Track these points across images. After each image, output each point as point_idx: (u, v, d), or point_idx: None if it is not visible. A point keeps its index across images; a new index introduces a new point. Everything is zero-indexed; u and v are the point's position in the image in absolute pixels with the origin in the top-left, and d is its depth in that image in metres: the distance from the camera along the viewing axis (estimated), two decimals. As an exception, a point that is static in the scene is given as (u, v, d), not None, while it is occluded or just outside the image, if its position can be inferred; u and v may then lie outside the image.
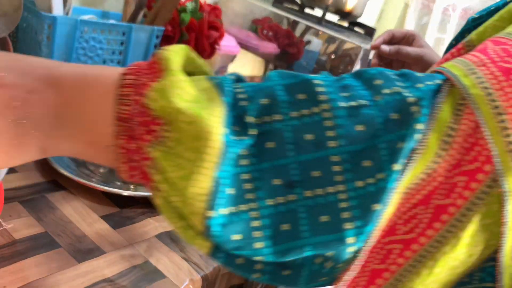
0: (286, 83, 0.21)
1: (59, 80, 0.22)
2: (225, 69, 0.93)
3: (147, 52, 0.72)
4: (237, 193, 0.20)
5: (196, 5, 0.76)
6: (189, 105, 0.20)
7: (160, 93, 0.20)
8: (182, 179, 0.20)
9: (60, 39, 0.61)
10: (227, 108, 0.20)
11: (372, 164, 0.20)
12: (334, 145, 0.20)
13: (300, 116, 0.20)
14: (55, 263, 0.39)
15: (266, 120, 0.21)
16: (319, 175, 0.20)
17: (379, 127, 0.20)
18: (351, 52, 0.83)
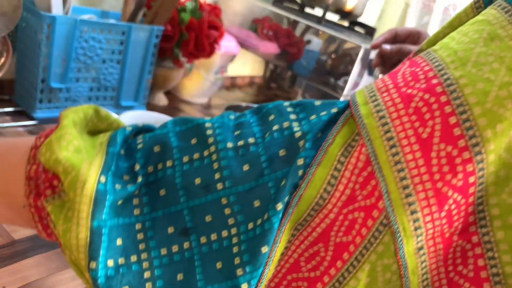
0: (179, 130, 0.21)
1: None
2: (225, 69, 0.93)
3: (147, 52, 0.72)
4: (127, 243, 0.19)
5: (196, 5, 0.76)
6: (69, 155, 0.20)
7: (47, 146, 0.20)
8: (65, 232, 0.19)
9: (59, 38, 0.61)
10: (112, 158, 0.20)
11: (261, 203, 0.19)
12: (221, 187, 0.19)
13: (191, 161, 0.20)
14: (55, 263, 0.39)
15: (159, 167, 0.20)
16: (211, 219, 0.19)
17: (265, 165, 0.19)
18: (352, 52, 0.83)
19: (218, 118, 0.21)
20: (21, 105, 0.66)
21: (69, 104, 0.68)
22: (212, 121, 0.21)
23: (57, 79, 0.64)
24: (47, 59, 0.61)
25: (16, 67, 0.67)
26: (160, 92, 0.85)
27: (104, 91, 0.71)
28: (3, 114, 0.63)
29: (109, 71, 0.69)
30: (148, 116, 0.58)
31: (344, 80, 0.84)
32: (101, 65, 0.68)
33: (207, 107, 0.94)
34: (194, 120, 0.21)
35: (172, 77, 0.83)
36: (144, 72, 0.74)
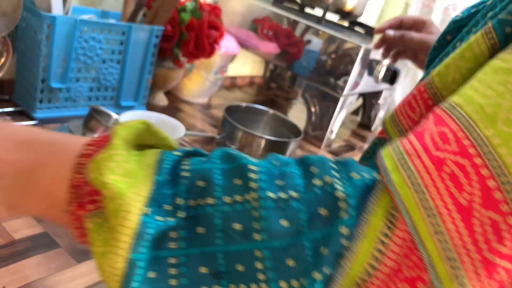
0: (224, 168, 0.21)
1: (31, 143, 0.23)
2: (225, 69, 0.93)
3: (147, 52, 0.72)
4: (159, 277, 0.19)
5: (196, 5, 0.76)
6: (117, 179, 0.19)
7: (95, 165, 0.20)
8: (102, 256, 0.19)
9: (59, 38, 0.61)
10: (159, 187, 0.20)
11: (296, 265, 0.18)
12: (258, 238, 0.19)
13: (233, 203, 0.19)
14: (55, 263, 0.39)
15: (200, 202, 0.20)
16: (242, 270, 0.19)
17: (304, 223, 0.19)
18: (351, 52, 0.83)
19: (264, 163, 0.21)
20: (21, 105, 0.66)
21: (69, 104, 0.68)
22: (258, 165, 0.21)
23: (57, 79, 0.64)
24: (47, 59, 0.61)
25: (16, 67, 0.67)
26: (160, 92, 0.85)
27: (104, 91, 0.71)
28: (3, 114, 0.63)
29: (109, 71, 0.69)
30: (148, 116, 0.59)
31: (344, 80, 0.84)
32: (101, 65, 0.68)
33: (207, 107, 0.94)
34: (240, 159, 0.21)
35: (172, 77, 0.83)
36: (144, 72, 0.74)
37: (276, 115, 0.79)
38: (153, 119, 0.58)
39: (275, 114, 0.79)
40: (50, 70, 0.62)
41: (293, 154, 0.72)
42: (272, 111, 0.79)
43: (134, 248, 0.18)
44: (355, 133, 1.10)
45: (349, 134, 1.07)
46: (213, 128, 0.82)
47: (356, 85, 0.88)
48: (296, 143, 0.71)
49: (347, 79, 0.84)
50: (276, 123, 0.79)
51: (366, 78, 0.89)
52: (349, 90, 0.86)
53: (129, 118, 0.55)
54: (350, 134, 1.08)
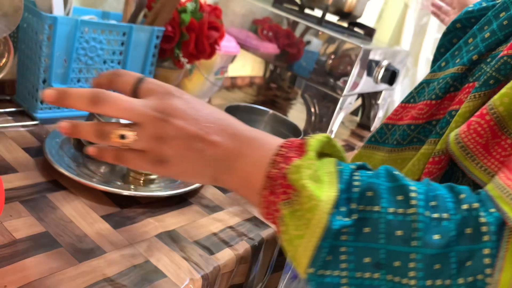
0: (389, 186, 0.26)
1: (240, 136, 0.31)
2: (225, 69, 0.93)
3: (147, 52, 0.72)
4: (333, 260, 0.25)
5: (196, 6, 0.77)
6: (311, 184, 0.26)
7: (296, 169, 0.27)
8: (297, 238, 0.26)
9: (60, 39, 0.61)
10: (341, 193, 0.26)
11: (442, 269, 0.23)
12: (414, 245, 0.24)
13: (395, 213, 0.25)
14: (56, 262, 0.39)
15: (368, 209, 0.25)
16: (398, 265, 0.24)
17: (452, 239, 0.24)
18: (351, 53, 0.83)
19: (420, 185, 0.26)
20: (22, 105, 0.67)
21: (70, 104, 0.68)
22: (416, 186, 0.26)
23: (58, 79, 0.64)
24: (48, 60, 0.61)
25: (17, 67, 0.67)
26: (160, 93, 0.86)
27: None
28: (4, 114, 0.63)
29: (109, 71, 0.70)
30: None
31: (344, 81, 0.85)
32: (102, 65, 0.68)
33: (207, 107, 0.94)
34: (401, 180, 0.26)
35: (173, 78, 0.83)
36: (145, 72, 0.74)
37: (276, 115, 0.79)
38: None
39: (275, 114, 0.79)
40: (51, 70, 0.62)
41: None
42: (272, 111, 0.79)
43: (323, 238, 0.25)
44: (355, 133, 1.10)
45: (348, 134, 1.07)
46: (213, 129, 0.83)
47: (356, 85, 0.88)
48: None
49: (347, 79, 0.84)
50: (276, 123, 0.79)
51: (366, 78, 0.89)
52: (349, 90, 0.87)
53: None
54: (349, 134, 1.08)
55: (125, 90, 0.32)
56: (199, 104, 0.32)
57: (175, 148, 0.30)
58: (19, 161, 0.53)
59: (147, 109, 0.30)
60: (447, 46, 0.45)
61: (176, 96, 0.31)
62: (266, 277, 0.61)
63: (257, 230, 0.54)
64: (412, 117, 0.40)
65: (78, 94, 0.30)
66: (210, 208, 0.56)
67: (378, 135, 0.44)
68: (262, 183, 0.28)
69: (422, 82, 0.42)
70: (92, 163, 0.57)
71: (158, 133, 0.30)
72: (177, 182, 0.58)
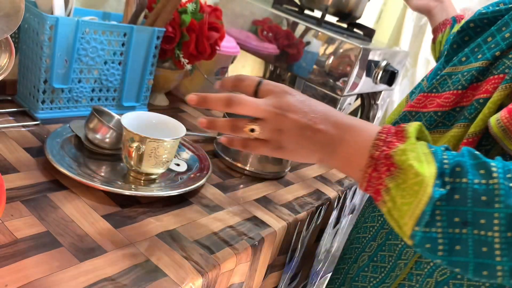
0: (472, 163, 0.33)
1: (340, 124, 0.38)
2: (225, 70, 0.94)
3: (148, 53, 0.73)
4: (432, 220, 0.32)
5: (197, 6, 0.77)
6: (416, 163, 0.33)
7: (402, 152, 0.34)
8: (404, 204, 0.33)
9: (61, 40, 0.61)
10: (437, 169, 0.33)
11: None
12: (497, 206, 0.31)
13: (480, 183, 0.32)
14: (57, 262, 0.40)
15: (457, 180, 0.32)
16: (484, 222, 0.31)
17: None
18: (351, 53, 0.83)
19: (497, 162, 0.33)
20: (23, 105, 0.67)
21: (71, 104, 0.69)
22: (495, 162, 0.33)
23: (59, 80, 0.64)
24: (49, 60, 0.62)
25: (19, 68, 0.67)
26: (161, 93, 0.86)
27: (106, 91, 0.72)
28: (5, 114, 0.63)
29: (111, 72, 0.70)
30: (149, 116, 0.59)
31: (343, 81, 0.85)
32: (102, 66, 0.68)
33: (207, 108, 0.94)
34: (482, 158, 0.33)
35: (173, 78, 0.83)
36: (146, 73, 0.74)
37: (276, 115, 0.79)
38: (154, 120, 0.59)
39: (274, 115, 0.79)
40: (52, 71, 0.63)
41: (293, 155, 0.73)
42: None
43: (428, 205, 0.32)
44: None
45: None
46: (213, 129, 0.83)
47: (355, 86, 0.88)
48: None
49: (346, 80, 0.84)
50: (276, 123, 0.79)
51: (365, 79, 0.90)
52: (348, 90, 0.87)
53: (131, 119, 0.56)
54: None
55: (248, 91, 0.40)
56: (306, 99, 0.39)
57: (291, 137, 0.38)
58: (20, 161, 0.53)
59: (268, 107, 0.38)
60: (459, 43, 0.50)
61: (289, 94, 0.38)
62: (266, 277, 0.61)
63: (257, 229, 0.55)
64: (438, 104, 0.47)
65: (216, 99, 0.39)
66: (210, 207, 0.56)
67: (401, 122, 0.50)
68: (366, 162, 0.35)
69: (443, 74, 0.48)
70: (93, 163, 0.57)
71: (278, 126, 0.38)
72: (177, 182, 0.59)
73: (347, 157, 0.37)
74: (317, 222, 0.70)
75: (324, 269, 0.88)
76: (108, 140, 0.59)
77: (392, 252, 0.51)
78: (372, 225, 0.56)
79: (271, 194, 0.65)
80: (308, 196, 0.68)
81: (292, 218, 0.60)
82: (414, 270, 0.48)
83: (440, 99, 0.47)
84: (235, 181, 0.66)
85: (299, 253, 0.68)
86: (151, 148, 0.53)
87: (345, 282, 0.58)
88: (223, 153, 0.70)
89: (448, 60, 0.51)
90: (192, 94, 0.40)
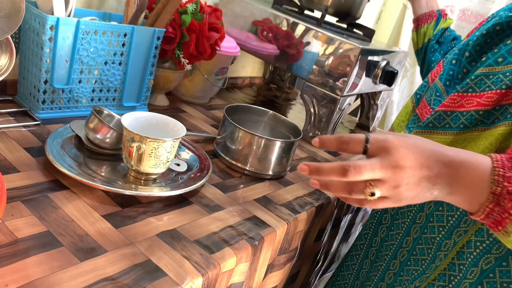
0: None
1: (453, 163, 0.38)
2: (225, 70, 0.94)
3: (149, 53, 0.73)
4: None
5: (197, 7, 0.77)
6: None
7: None
8: None
9: (62, 40, 0.61)
10: None
11: None
12: None
13: None
14: (57, 261, 0.40)
15: None
16: None
17: None
18: (350, 53, 0.84)
19: None
20: (24, 105, 0.67)
21: (72, 105, 0.69)
22: None
23: (60, 80, 0.65)
24: (49, 61, 0.62)
25: (19, 68, 0.68)
26: (161, 93, 0.86)
27: (107, 92, 0.72)
28: (6, 115, 0.63)
29: (111, 72, 0.70)
30: (149, 117, 0.59)
31: (343, 81, 0.85)
32: (103, 66, 0.68)
33: (208, 107, 0.94)
34: None
35: (173, 78, 0.83)
36: (146, 73, 0.75)
37: (276, 115, 0.79)
38: (155, 120, 0.59)
39: (274, 115, 0.80)
40: (53, 71, 0.63)
41: (293, 154, 0.73)
42: (272, 112, 0.80)
43: None
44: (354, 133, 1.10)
45: (348, 135, 1.07)
46: (214, 129, 0.83)
47: (355, 86, 0.88)
48: (295, 144, 0.71)
49: (346, 80, 0.85)
50: (276, 123, 0.79)
51: (365, 79, 0.90)
52: (348, 91, 0.87)
53: (131, 119, 0.56)
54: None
55: (357, 152, 0.40)
56: (414, 143, 0.39)
57: (410, 190, 0.38)
58: (21, 161, 0.53)
59: (383, 168, 0.37)
60: (482, 45, 0.52)
61: (398, 145, 0.38)
62: (266, 276, 0.61)
63: (257, 229, 0.55)
64: (479, 104, 0.48)
65: (330, 169, 0.39)
66: (210, 207, 0.56)
67: (436, 121, 0.52)
68: (486, 198, 0.37)
69: (479, 74, 0.49)
70: (93, 163, 0.58)
71: (396, 183, 0.38)
72: (177, 182, 0.59)
73: (464, 194, 0.38)
74: (317, 222, 0.70)
75: (324, 269, 0.88)
76: (108, 140, 0.59)
77: (430, 244, 0.53)
78: (403, 221, 0.58)
79: (271, 194, 0.65)
80: (308, 196, 0.68)
81: (292, 218, 0.60)
82: (456, 260, 0.50)
83: (480, 99, 0.48)
84: (235, 181, 0.66)
85: (299, 253, 0.68)
86: (151, 148, 0.53)
87: (385, 277, 0.60)
88: (223, 153, 0.70)
89: (471, 61, 0.52)
90: (303, 164, 0.40)
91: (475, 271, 0.48)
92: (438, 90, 0.55)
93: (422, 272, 0.54)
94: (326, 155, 0.89)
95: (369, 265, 0.65)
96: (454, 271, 0.50)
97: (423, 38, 0.83)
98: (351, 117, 1.23)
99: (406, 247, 0.57)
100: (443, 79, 0.55)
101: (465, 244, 0.50)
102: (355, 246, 0.70)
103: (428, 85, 0.61)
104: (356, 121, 1.20)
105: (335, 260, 0.92)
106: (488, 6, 1.60)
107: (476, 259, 0.48)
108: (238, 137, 0.68)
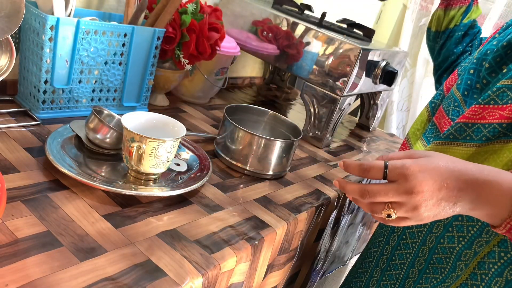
0: None
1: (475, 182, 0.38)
2: (225, 70, 0.94)
3: (149, 53, 0.73)
4: None
5: (197, 7, 0.77)
6: None
7: None
8: None
9: (62, 40, 0.61)
10: None
11: None
12: None
13: None
14: (57, 261, 0.40)
15: None
16: None
17: None
18: (350, 53, 0.84)
19: None
20: (24, 105, 0.67)
21: (72, 105, 0.69)
22: None
23: (60, 80, 0.65)
24: (50, 61, 0.62)
25: (19, 68, 0.68)
26: (161, 93, 0.86)
27: (107, 92, 0.72)
28: (6, 115, 0.63)
29: (111, 72, 0.70)
30: (149, 117, 0.59)
31: (343, 81, 0.85)
32: (103, 66, 0.69)
33: (208, 107, 0.94)
34: None
35: (173, 78, 0.83)
36: (146, 73, 0.75)
37: (276, 115, 0.79)
38: (155, 120, 0.59)
39: (274, 115, 0.80)
40: (53, 71, 0.63)
41: (293, 154, 0.73)
42: (272, 112, 0.80)
43: None
44: (354, 133, 1.10)
45: (347, 135, 1.08)
46: (214, 129, 0.83)
47: (355, 86, 0.88)
48: (295, 144, 0.71)
49: (346, 80, 0.85)
50: (276, 123, 0.79)
51: (364, 79, 0.90)
52: (348, 91, 0.87)
53: (131, 119, 0.56)
54: (348, 134, 1.08)
55: (378, 178, 0.41)
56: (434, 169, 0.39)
57: (429, 210, 0.39)
58: (21, 160, 0.53)
59: (398, 193, 0.39)
60: (503, 56, 0.51)
61: (416, 171, 0.39)
62: (266, 276, 0.61)
63: (257, 229, 0.55)
64: (502, 116, 0.48)
65: (352, 190, 0.42)
66: (210, 207, 0.57)
67: (456, 133, 0.52)
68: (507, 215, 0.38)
69: (501, 86, 0.49)
70: (93, 163, 0.58)
71: (413, 206, 0.39)
72: (177, 182, 0.59)
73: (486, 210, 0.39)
74: (317, 222, 0.70)
75: (324, 269, 0.88)
76: (108, 140, 0.59)
77: (448, 254, 0.53)
78: (419, 230, 0.58)
79: (271, 194, 0.65)
80: (308, 196, 0.68)
81: (292, 218, 0.60)
82: (478, 270, 0.50)
83: (503, 111, 0.48)
84: (235, 181, 0.66)
85: (299, 253, 0.68)
86: (152, 148, 0.53)
87: (405, 285, 0.60)
88: (223, 153, 0.70)
89: (491, 72, 0.52)
90: (335, 180, 0.44)
91: (500, 282, 0.48)
92: (456, 100, 0.55)
93: (442, 280, 0.54)
94: (326, 155, 0.89)
95: (379, 273, 0.65)
96: (476, 280, 0.50)
97: (448, 22, 0.76)
98: (351, 117, 1.23)
99: (422, 256, 0.57)
100: (461, 89, 0.54)
101: (486, 255, 0.49)
102: (369, 253, 0.69)
103: (443, 93, 0.60)
104: (356, 121, 1.20)
105: (335, 260, 0.92)
106: (488, 6, 1.60)
107: (501, 269, 0.48)
108: (238, 137, 0.68)
